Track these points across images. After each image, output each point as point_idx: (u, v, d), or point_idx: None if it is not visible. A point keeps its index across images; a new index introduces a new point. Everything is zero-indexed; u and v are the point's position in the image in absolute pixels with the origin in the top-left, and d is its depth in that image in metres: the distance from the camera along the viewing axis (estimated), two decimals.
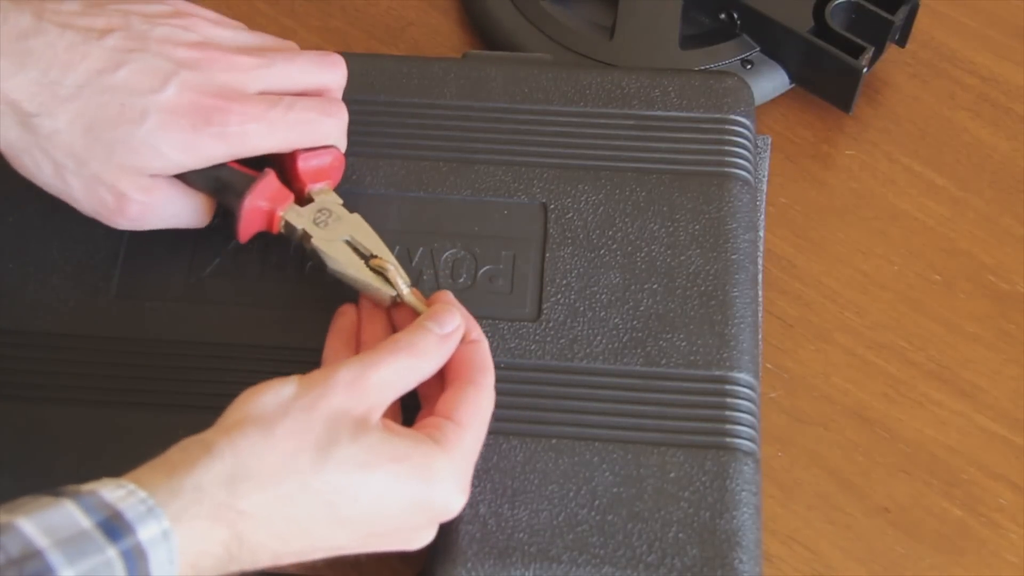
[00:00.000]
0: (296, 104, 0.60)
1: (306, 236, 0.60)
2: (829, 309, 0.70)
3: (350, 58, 0.67)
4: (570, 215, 0.65)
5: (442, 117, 0.67)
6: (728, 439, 0.59)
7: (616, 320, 0.62)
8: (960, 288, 0.70)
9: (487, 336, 0.60)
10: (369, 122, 0.66)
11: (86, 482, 0.49)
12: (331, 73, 0.63)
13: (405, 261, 0.63)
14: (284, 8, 0.81)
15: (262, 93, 0.60)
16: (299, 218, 0.61)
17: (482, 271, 0.63)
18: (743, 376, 0.60)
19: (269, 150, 0.60)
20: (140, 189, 0.59)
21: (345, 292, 0.62)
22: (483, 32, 0.78)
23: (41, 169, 0.59)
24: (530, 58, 0.72)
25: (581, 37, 0.76)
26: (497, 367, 0.59)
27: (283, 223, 0.61)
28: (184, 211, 0.61)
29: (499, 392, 0.59)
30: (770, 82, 0.75)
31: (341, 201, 0.62)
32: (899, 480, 0.65)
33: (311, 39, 0.77)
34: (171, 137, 0.58)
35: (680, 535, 0.56)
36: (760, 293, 0.67)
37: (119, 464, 0.50)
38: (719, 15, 0.76)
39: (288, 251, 0.64)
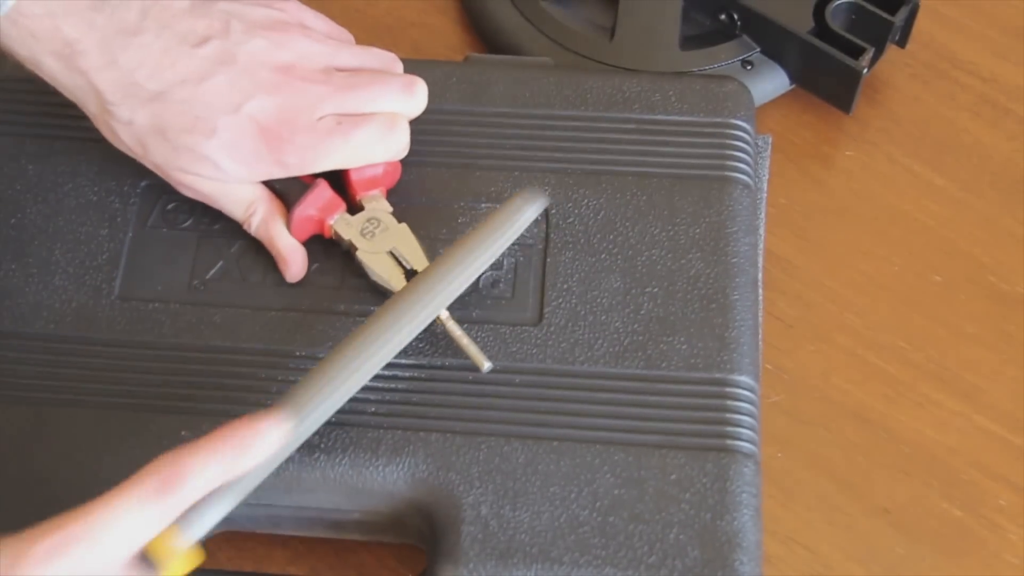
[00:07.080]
0: (358, 131, 0.62)
1: (352, 247, 0.62)
2: (829, 310, 0.70)
3: None
4: (571, 219, 0.65)
5: (443, 122, 0.67)
6: (728, 441, 0.59)
7: (617, 324, 0.62)
8: (960, 289, 0.70)
9: (489, 341, 0.61)
10: None
11: (88, 486, 0.49)
12: (410, 101, 0.64)
13: None
14: None
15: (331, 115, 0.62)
16: (348, 228, 0.63)
17: (484, 276, 0.63)
18: (743, 379, 0.60)
19: (326, 169, 0.63)
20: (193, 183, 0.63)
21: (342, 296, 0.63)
22: (483, 33, 0.78)
23: (111, 132, 0.62)
24: (532, 62, 0.72)
25: (581, 38, 0.76)
26: (499, 371, 0.60)
27: (333, 232, 0.63)
28: (231, 202, 0.64)
29: (501, 395, 0.60)
30: (770, 83, 0.75)
31: (391, 209, 0.63)
32: (899, 481, 0.65)
33: None
34: (233, 157, 0.61)
35: (681, 536, 0.57)
36: (760, 295, 0.67)
37: (121, 468, 0.50)
38: (719, 16, 0.75)
39: None
